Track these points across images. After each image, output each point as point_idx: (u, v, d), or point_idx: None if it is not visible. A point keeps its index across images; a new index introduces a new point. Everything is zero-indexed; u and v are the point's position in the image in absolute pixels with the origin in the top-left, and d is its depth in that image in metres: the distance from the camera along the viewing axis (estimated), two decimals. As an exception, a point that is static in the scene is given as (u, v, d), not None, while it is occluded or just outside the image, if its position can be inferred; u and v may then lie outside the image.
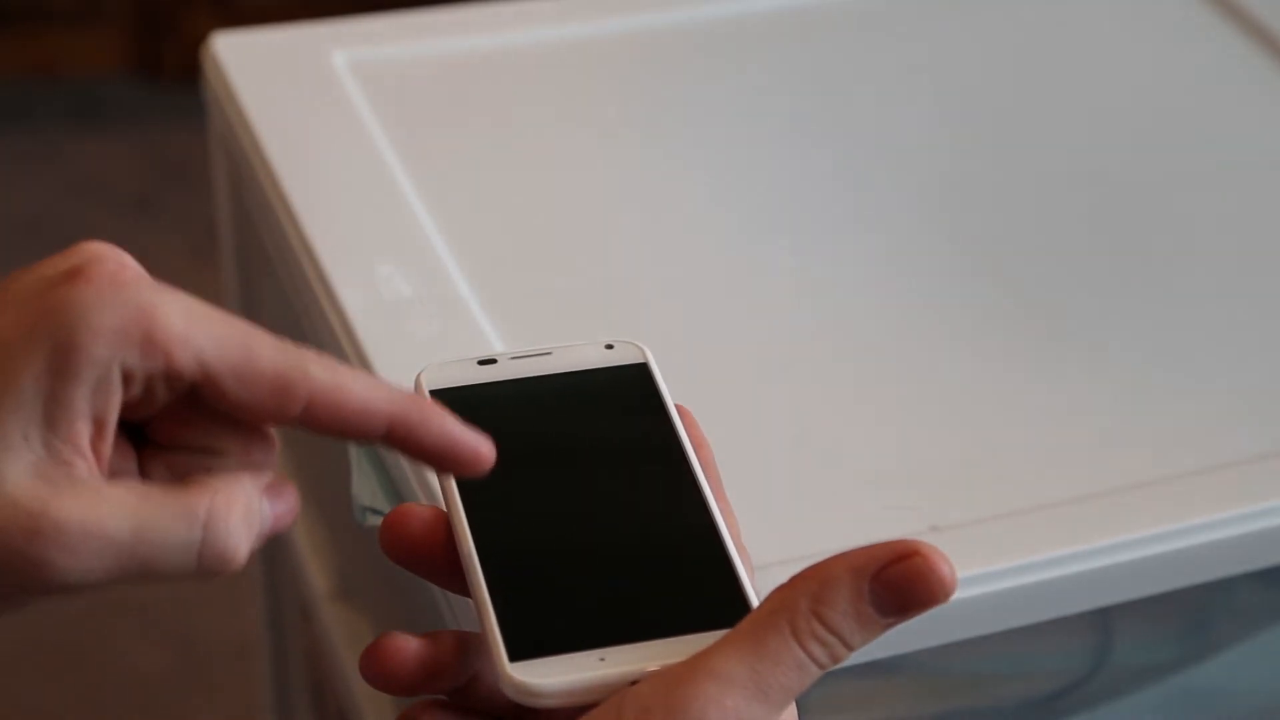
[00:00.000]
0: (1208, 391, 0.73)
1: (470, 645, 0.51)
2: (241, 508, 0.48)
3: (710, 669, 0.46)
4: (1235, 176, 0.86)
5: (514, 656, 0.48)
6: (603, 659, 0.48)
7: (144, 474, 0.50)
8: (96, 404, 0.47)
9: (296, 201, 0.79)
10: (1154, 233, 0.82)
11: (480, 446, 0.51)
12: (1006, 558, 0.64)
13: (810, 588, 0.47)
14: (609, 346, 0.57)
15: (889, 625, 0.47)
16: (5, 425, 0.46)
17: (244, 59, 0.89)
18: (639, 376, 0.56)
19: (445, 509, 0.52)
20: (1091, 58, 0.95)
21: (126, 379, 0.47)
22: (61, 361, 0.46)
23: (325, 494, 0.93)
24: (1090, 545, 0.65)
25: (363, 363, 0.71)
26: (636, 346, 0.57)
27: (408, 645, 0.50)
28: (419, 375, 0.56)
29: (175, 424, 0.50)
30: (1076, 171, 0.86)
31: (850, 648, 0.47)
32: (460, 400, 0.55)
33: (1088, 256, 0.81)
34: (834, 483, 0.68)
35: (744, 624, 0.47)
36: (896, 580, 0.47)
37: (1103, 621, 0.76)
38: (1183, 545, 0.66)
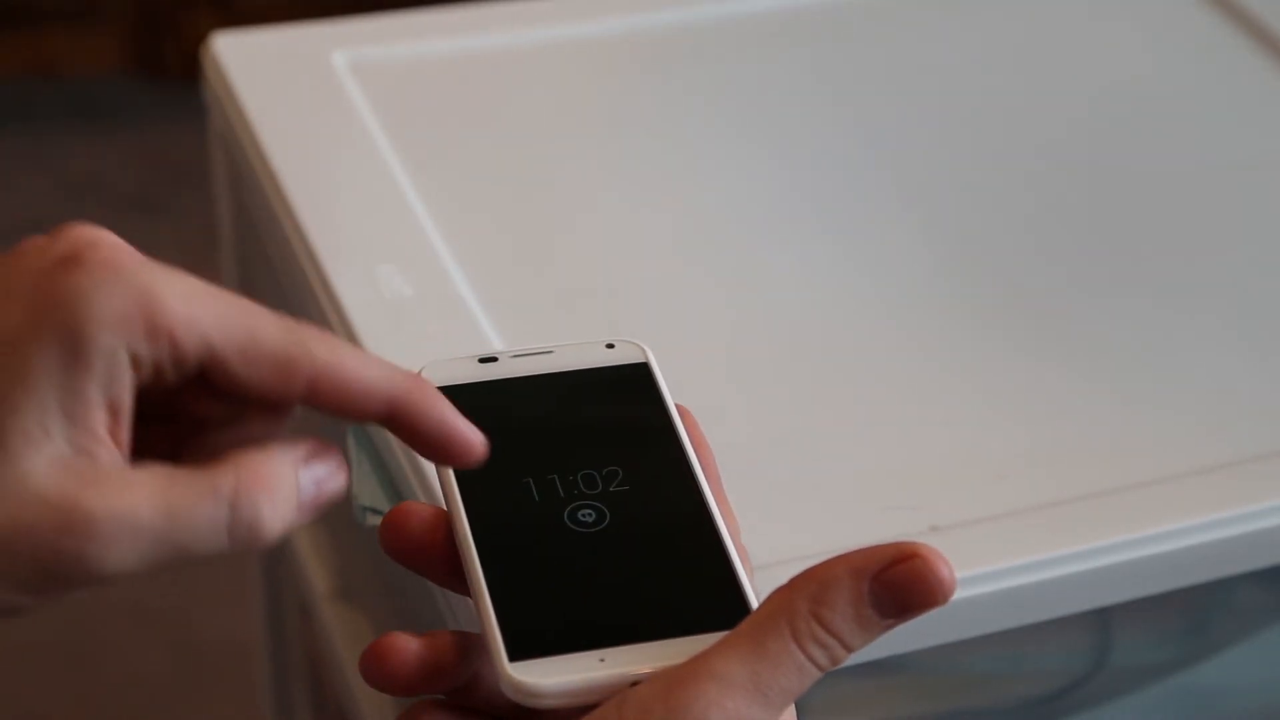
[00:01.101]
0: (1207, 391, 0.73)
1: (470, 645, 0.51)
2: (269, 480, 0.48)
3: (710, 671, 0.46)
4: (1235, 176, 0.86)
5: (514, 656, 0.48)
6: (603, 659, 0.48)
7: (178, 456, 0.49)
8: (110, 391, 0.46)
9: (296, 201, 0.79)
10: (1154, 233, 0.82)
11: (473, 439, 0.51)
12: (1006, 558, 0.64)
13: (810, 589, 0.47)
14: (610, 346, 0.57)
15: (888, 627, 0.47)
16: (25, 420, 0.45)
17: (244, 59, 0.89)
18: (640, 376, 0.56)
19: (445, 508, 0.52)
20: (1091, 57, 0.95)
21: (135, 363, 0.47)
22: (71, 353, 0.45)
23: (325, 494, 0.93)
24: (1090, 545, 0.65)
25: (363, 363, 0.71)
26: (637, 346, 0.57)
27: (408, 646, 0.50)
28: (419, 372, 0.56)
29: (196, 400, 0.49)
30: (1077, 171, 0.86)
31: (850, 649, 0.47)
32: (461, 398, 0.55)
33: (1088, 257, 0.81)
34: (834, 483, 0.68)
35: (744, 626, 0.47)
36: (896, 582, 0.47)
37: (1103, 621, 0.76)
38: (1183, 545, 0.66)
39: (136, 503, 0.46)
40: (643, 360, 0.57)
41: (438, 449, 0.50)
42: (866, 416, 0.72)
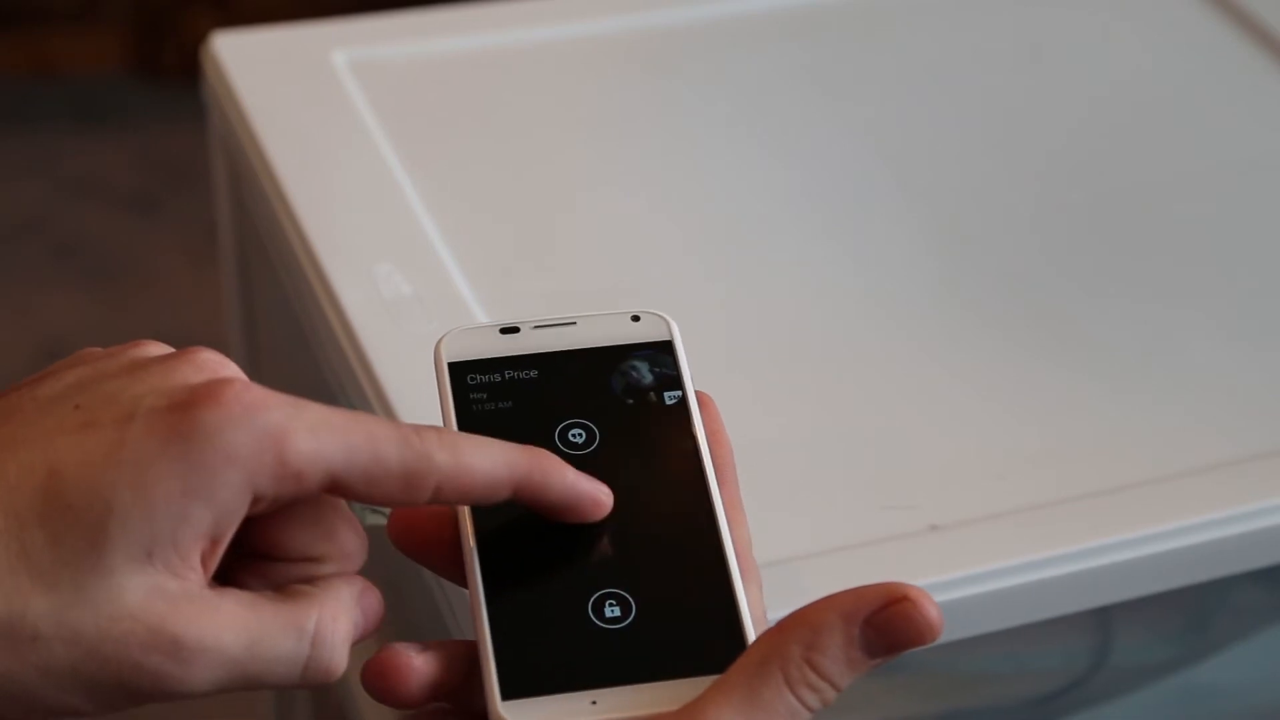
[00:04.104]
0: (1207, 391, 0.73)
1: (474, 655, 0.51)
2: (345, 621, 0.49)
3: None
4: (1235, 176, 0.86)
5: (506, 695, 0.48)
6: (594, 702, 0.48)
7: (235, 579, 0.50)
8: (220, 526, 0.47)
9: (296, 201, 0.79)
10: (1154, 232, 0.82)
11: (599, 496, 0.51)
12: (1006, 557, 0.64)
13: (803, 635, 0.47)
14: (635, 319, 0.55)
15: (875, 665, 0.48)
16: (132, 539, 0.45)
17: (244, 59, 0.89)
18: (662, 358, 0.54)
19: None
20: (1091, 57, 0.95)
21: (255, 501, 0.47)
22: (196, 487, 0.46)
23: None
24: (1090, 545, 0.65)
25: (362, 363, 0.71)
26: (663, 320, 0.55)
27: (411, 662, 0.50)
28: (439, 342, 0.54)
29: (276, 532, 0.50)
30: (1076, 171, 0.86)
31: (838, 690, 0.48)
32: (477, 377, 0.54)
33: (1088, 256, 0.81)
34: (834, 482, 0.68)
35: (737, 672, 0.47)
36: (887, 625, 0.48)
37: (1103, 621, 0.76)
38: (1183, 545, 0.66)
39: (220, 630, 0.47)
40: (667, 339, 0.55)
41: (565, 515, 0.51)
42: (866, 416, 0.72)
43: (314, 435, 0.47)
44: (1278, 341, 0.76)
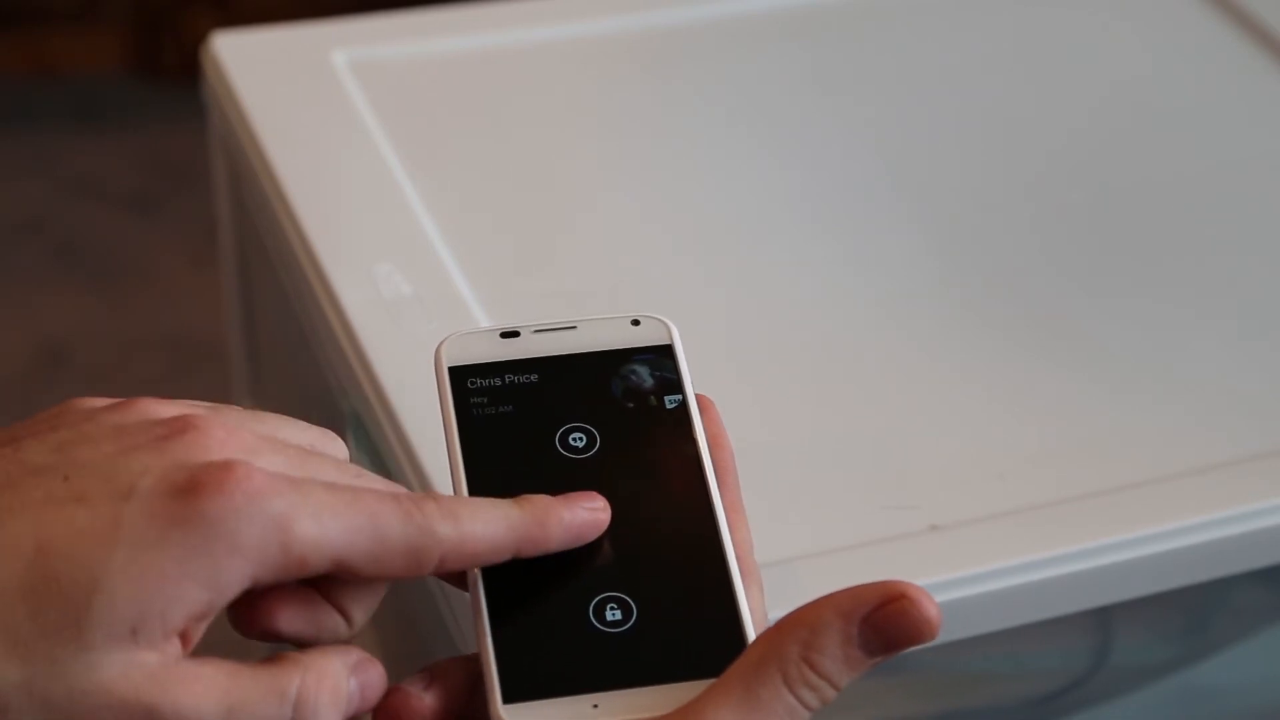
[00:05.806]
0: (1206, 391, 0.73)
1: (475, 677, 0.51)
2: (330, 686, 0.48)
3: None
4: (1235, 176, 0.86)
5: (507, 698, 0.48)
6: (596, 705, 0.48)
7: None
8: (213, 605, 0.47)
9: (296, 201, 0.79)
10: (1153, 233, 0.82)
11: (595, 517, 0.51)
12: (1006, 558, 0.64)
13: (800, 634, 0.47)
14: (635, 323, 0.55)
15: (875, 664, 0.48)
16: (116, 618, 0.45)
17: (244, 59, 0.89)
18: (663, 363, 0.55)
19: None
20: (1091, 57, 0.95)
21: (253, 583, 0.47)
22: (195, 572, 0.46)
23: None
24: (1090, 545, 0.65)
25: (362, 363, 0.71)
26: (663, 324, 0.56)
27: (422, 702, 0.50)
28: (440, 346, 0.55)
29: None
30: (1076, 171, 0.86)
31: (837, 689, 0.48)
32: (478, 381, 0.54)
33: (1088, 257, 0.81)
34: (834, 482, 0.68)
35: (735, 672, 0.47)
36: (885, 623, 0.47)
37: (1103, 621, 0.76)
38: (1182, 545, 0.66)
39: (198, 699, 0.46)
40: (667, 342, 0.55)
41: (570, 547, 0.51)
42: (866, 416, 0.72)
43: (318, 521, 0.47)
44: (1278, 341, 0.76)
